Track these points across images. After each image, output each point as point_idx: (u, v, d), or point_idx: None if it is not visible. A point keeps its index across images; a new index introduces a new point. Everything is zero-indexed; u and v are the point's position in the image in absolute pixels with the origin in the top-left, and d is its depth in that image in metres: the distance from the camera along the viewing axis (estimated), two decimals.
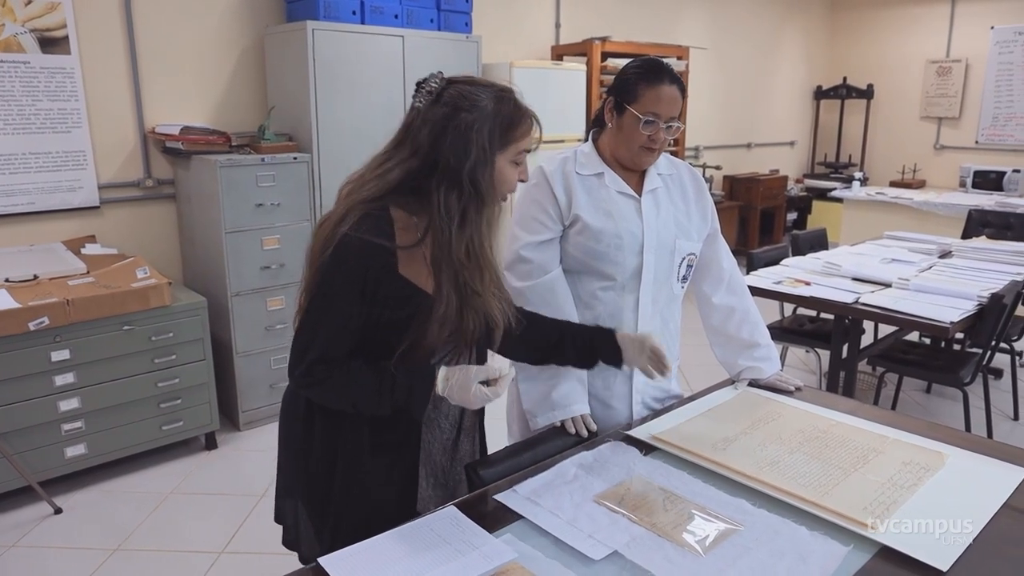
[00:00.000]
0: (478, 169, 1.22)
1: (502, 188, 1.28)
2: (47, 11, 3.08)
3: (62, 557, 2.46)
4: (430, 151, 1.22)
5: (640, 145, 1.60)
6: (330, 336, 1.25)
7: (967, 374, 3.02)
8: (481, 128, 1.21)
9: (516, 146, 1.27)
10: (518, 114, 1.26)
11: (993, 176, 6.36)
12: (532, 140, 1.29)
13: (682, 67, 5.52)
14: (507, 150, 1.26)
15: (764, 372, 1.81)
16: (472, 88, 1.24)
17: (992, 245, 3.72)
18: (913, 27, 7.25)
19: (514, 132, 1.25)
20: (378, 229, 1.22)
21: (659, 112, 1.56)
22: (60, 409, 2.75)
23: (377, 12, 3.66)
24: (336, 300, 1.23)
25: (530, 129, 1.28)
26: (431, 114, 1.23)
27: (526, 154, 1.30)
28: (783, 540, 1.18)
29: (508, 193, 1.31)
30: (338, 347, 1.25)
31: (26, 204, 3.14)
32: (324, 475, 1.37)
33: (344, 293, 1.23)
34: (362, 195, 1.25)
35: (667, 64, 1.62)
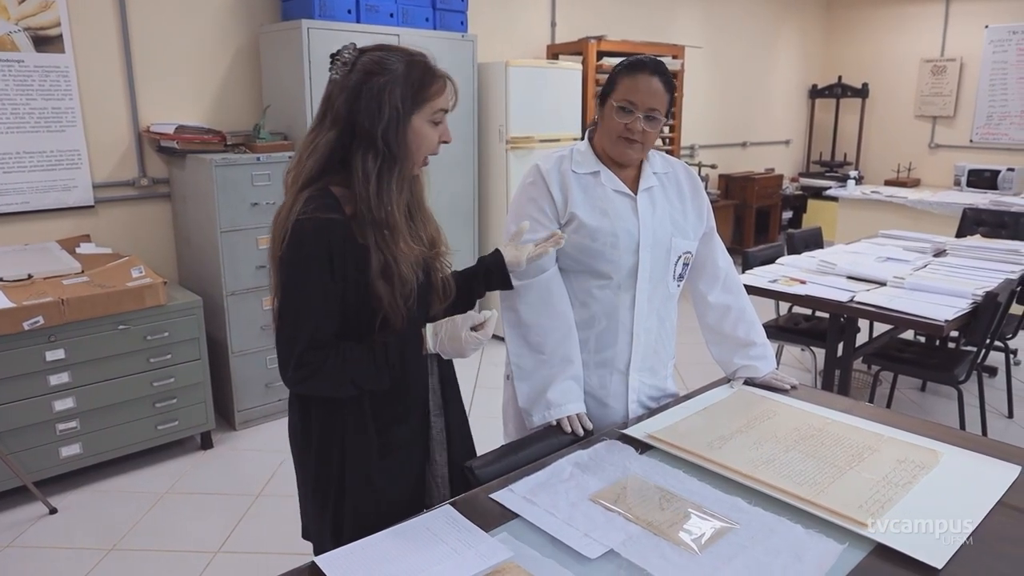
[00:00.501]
0: (390, 129, 1.25)
1: (421, 148, 1.31)
2: (41, 9, 3.06)
3: (57, 557, 2.45)
4: (347, 117, 1.26)
5: (618, 135, 1.60)
6: (314, 321, 1.25)
7: (962, 372, 3.03)
8: (393, 89, 1.25)
9: (430, 105, 1.29)
10: (429, 74, 1.29)
11: (987, 175, 6.38)
12: (447, 100, 1.31)
13: (677, 66, 5.53)
14: (422, 109, 1.28)
15: (760, 371, 1.81)
16: (383, 54, 1.28)
17: (986, 244, 3.73)
18: (908, 26, 7.27)
19: (426, 91, 1.28)
20: (326, 206, 1.25)
21: (634, 100, 1.56)
22: (55, 409, 2.75)
23: (372, 11, 3.65)
24: (309, 284, 1.24)
25: (443, 89, 1.30)
26: (346, 82, 1.27)
27: (443, 114, 1.32)
28: (778, 538, 1.18)
29: (428, 154, 1.33)
30: (324, 331, 1.26)
31: (20, 203, 3.13)
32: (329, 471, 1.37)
33: (314, 275, 1.24)
34: (300, 180, 1.28)
35: (654, 59, 1.62)
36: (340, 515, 1.38)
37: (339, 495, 1.37)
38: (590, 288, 1.68)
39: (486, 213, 4.53)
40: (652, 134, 1.61)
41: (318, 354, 1.25)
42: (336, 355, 1.26)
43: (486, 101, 4.33)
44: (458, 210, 4.31)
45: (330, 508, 1.38)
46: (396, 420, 1.39)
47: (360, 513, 1.36)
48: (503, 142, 4.33)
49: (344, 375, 1.27)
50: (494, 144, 4.39)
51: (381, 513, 1.32)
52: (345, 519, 1.37)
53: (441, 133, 1.33)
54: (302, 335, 1.24)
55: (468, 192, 4.34)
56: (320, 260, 1.23)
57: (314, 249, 1.23)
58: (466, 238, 4.40)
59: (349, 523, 1.37)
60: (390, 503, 1.37)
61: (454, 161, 4.21)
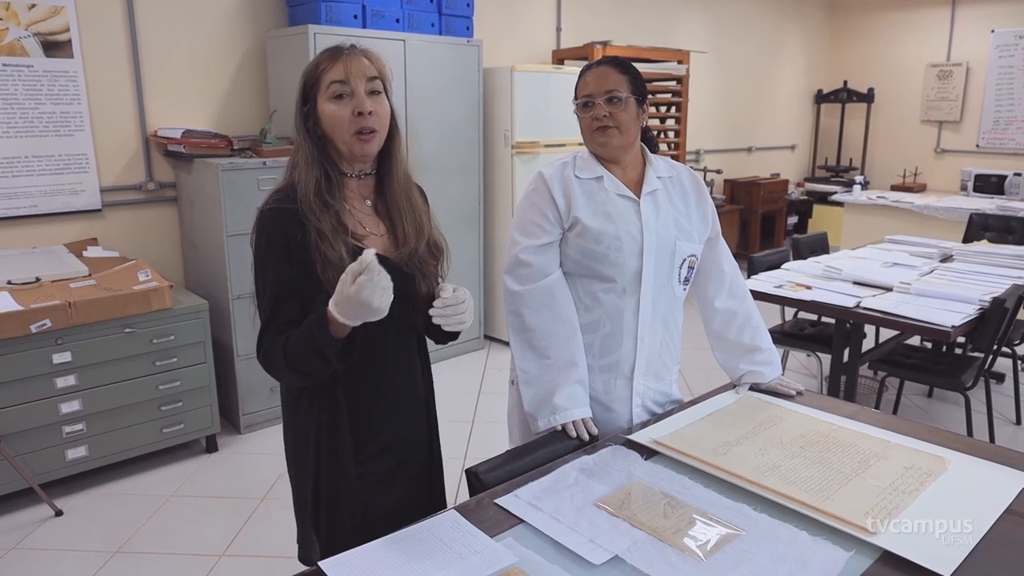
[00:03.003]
0: (298, 119, 1.33)
1: (333, 127, 1.30)
2: (50, 15, 3.08)
3: (63, 559, 2.46)
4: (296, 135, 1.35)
5: (589, 129, 1.65)
6: (273, 306, 1.29)
7: (969, 378, 3.02)
8: (300, 84, 1.34)
9: (323, 82, 1.30)
10: (321, 54, 1.33)
11: (994, 180, 6.36)
12: (339, 71, 1.29)
13: (682, 71, 5.53)
14: (320, 91, 1.30)
15: (765, 376, 1.81)
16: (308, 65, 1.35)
17: (993, 249, 3.71)
18: (913, 31, 7.26)
19: (317, 70, 1.31)
20: (285, 198, 1.29)
21: (590, 92, 1.63)
22: (61, 411, 2.76)
23: (378, 16, 3.67)
24: (268, 271, 1.29)
25: (332, 59, 1.30)
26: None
27: (341, 85, 1.28)
28: (784, 545, 1.17)
29: (349, 133, 1.29)
30: (282, 315, 1.28)
31: (29, 207, 3.15)
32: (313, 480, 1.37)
33: (273, 261, 1.28)
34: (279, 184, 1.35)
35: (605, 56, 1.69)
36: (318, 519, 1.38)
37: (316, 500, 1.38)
38: (594, 292, 1.68)
39: (491, 218, 4.53)
40: (622, 115, 1.62)
41: (274, 338, 1.28)
42: (285, 337, 1.27)
43: (491, 106, 4.34)
44: (463, 215, 4.32)
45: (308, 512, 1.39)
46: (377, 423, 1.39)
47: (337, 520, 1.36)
48: (508, 147, 4.34)
49: (288, 357, 1.26)
50: (499, 149, 4.39)
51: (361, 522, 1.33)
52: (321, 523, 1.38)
53: (356, 105, 1.28)
54: (263, 319, 1.30)
55: (473, 197, 4.35)
56: (276, 247, 1.27)
57: (272, 236, 1.28)
58: (471, 243, 4.41)
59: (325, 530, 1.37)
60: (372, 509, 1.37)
61: (459, 166, 4.22)
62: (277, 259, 1.27)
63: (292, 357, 1.25)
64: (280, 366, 1.28)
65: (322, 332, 1.21)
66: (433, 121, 3.99)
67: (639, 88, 1.65)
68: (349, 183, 1.36)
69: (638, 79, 1.65)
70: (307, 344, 1.23)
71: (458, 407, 3.66)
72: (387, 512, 1.38)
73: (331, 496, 1.37)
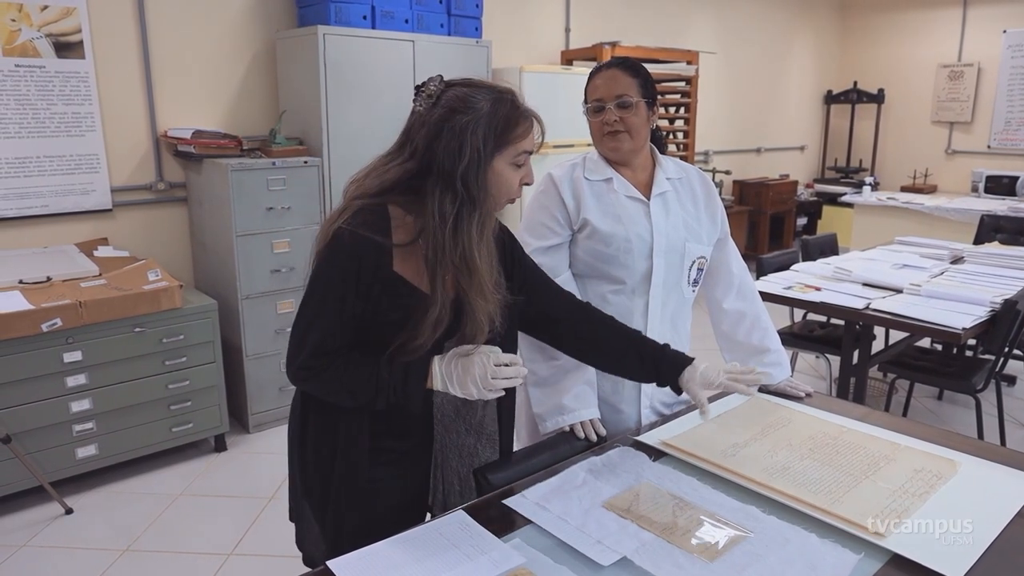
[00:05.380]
0: (470, 171, 1.20)
1: (502, 191, 1.27)
2: (63, 16, 3.11)
3: (72, 557, 2.47)
4: (426, 153, 1.22)
5: (600, 133, 1.64)
6: (325, 328, 1.24)
7: (980, 381, 3.00)
8: (476, 130, 1.20)
9: (514, 148, 1.25)
10: (515, 114, 1.24)
11: (1006, 181, 6.31)
12: (532, 142, 1.26)
13: (691, 72, 5.52)
14: (504, 152, 1.24)
15: (774, 378, 1.80)
16: (469, 90, 1.24)
17: (1005, 251, 3.69)
18: (924, 31, 7.22)
19: (511, 133, 1.24)
20: (374, 225, 1.22)
21: (600, 96, 1.61)
22: (72, 410, 2.77)
23: (388, 17, 3.68)
24: (330, 293, 1.23)
25: (529, 130, 1.26)
26: (428, 117, 1.22)
27: (527, 156, 1.27)
28: (793, 548, 1.17)
29: (510, 198, 1.30)
30: (334, 340, 1.24)
31: (40, 207, 3.17)
32: (323, 477, 1.37)
33: (337, 286, 1.23)
34: (361, 192, 1.26)
35: (614, 58, 1.68)
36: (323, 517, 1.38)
37: (323, 497, 1.37)
38: (604, 293, 1.68)
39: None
40: (633, 120, 1.61)
41: (323, 359, 1.25)
42: (341, 363, 1.25)
43: None
44: None
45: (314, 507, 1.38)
46: (393, 435, 1.36)
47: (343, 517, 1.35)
48: None
49: (344, 384, 1.25)
50: None
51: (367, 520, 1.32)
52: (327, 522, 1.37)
53: (524, 176, 1.28)
54: (310, 340, 1.24)
55: None
56: (347, 275, 1.22)
57: (346, 263, 1.21)
58: None
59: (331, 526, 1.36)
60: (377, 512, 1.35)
61: None
62: (343, 285, 1.22)
63: (358, 390, 1.24)
64: (330, 391, 1.27)
65: (418, 383, 1.24)
66: None
67: (649, 91, 1.64)
68: None
69: (648, 81, 1.64)
70: (391, 387, 1.23)
71: None
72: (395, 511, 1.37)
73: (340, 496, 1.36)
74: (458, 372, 1.24)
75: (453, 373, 1.24)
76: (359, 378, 1.24)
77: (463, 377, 1.23)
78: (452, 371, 1.24)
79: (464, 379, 1.23)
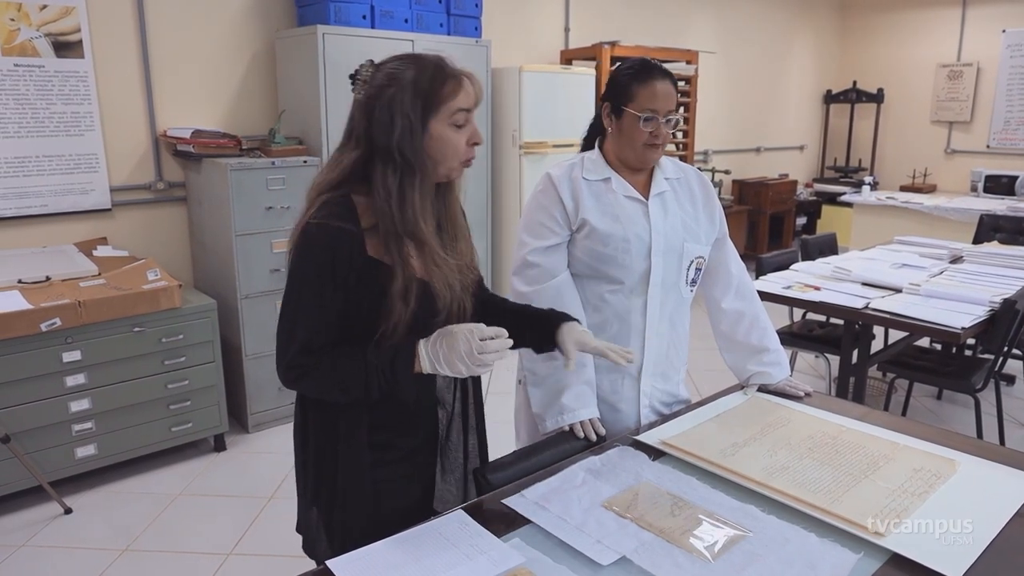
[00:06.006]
0: (404, 140, 1.22)
1: (447, 154, 1.26)
2: (62, 15, 3.11)
3: (71, 557, 2.47)
4: (365, 136, 1.24)
5: (643, 143, 1.62)
6: (309, 326, 1.24)
7: (979, 380, 3.00)
8: (403, 98, 1.21)
9: (447, 107, 1.24)
10: (441, 75, 1.24)
11: (1005, 180, 6.31)
12: (468, 100, 1.26)
13: (691, 71, 5.52)
14: (438, 113, 1.24)
15: (773, 377, 1.80)
16: (397, 64, 1.25)
17: (1004, 250, 3.69)
18: (924, 31, 7.22)
19: (439, 93, 1.23)
20: (340, 215, 1.23)
21: (656, 108, 1.59)
22: (71, 410, 2.77)
23: (387, 16, 3.68)
24: (309, 289, 1.23)
25: (458, 88, 1.24)
26: (363, 99, 1.25)
27: (465, 114, 1.26)
28: (792, 547, 1.17)
29: (462, 160, 1.29)
30: (319, 336, 1.24)
31: (39, 206, 3.17)
32: (326, 477, 1.36)
33: (315, 281, 1.23)
34: (321, 188, 1.27)
35: (658, 63, 1.64)
36: (330, 520, 1.37)
37: (330, 500, 1.36)
38: (602, 293, 1.68)
39: (499, 219, 4.54)
40: (669, 133, 1.64)
41: (310, 358, 1.24)
42: (329, 359, 1.24)
43: (500, 106, 4.34)
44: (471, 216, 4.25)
45: (321, 512, 1.38)
46: (396, 431, 1.36)
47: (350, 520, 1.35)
48: (517, 147, 4.34)
49: (334, 380, 1.25)
50: (508, 150, 4.39)
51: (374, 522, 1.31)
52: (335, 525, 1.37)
53: (469, 135, 1.28)
54: (296, 339, 1.24)
55: (481, 198, 4.35)
56: (323, 268, 1.22)
57: (320, 256, 1.22)
58: (479, 245, 4.37)
59: (338, 529, 1.36)
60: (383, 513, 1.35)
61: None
62: (321, 279, 1.22)
63: (349, 383, 1.23)
64: (323, 387, 1.26)
65: (406, 367, 1.22)
66: None
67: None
68: None
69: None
70: (380, 372, 1.22)
71: None
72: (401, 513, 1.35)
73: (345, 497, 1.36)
74: (444, 351, 1.23)
75: (439, 352, 1.23)
76: (348, 370, 1.23)
77: (449, 355, 1.22)
78: (438, 351, 1.23)
79: (451, 357, 1.22)
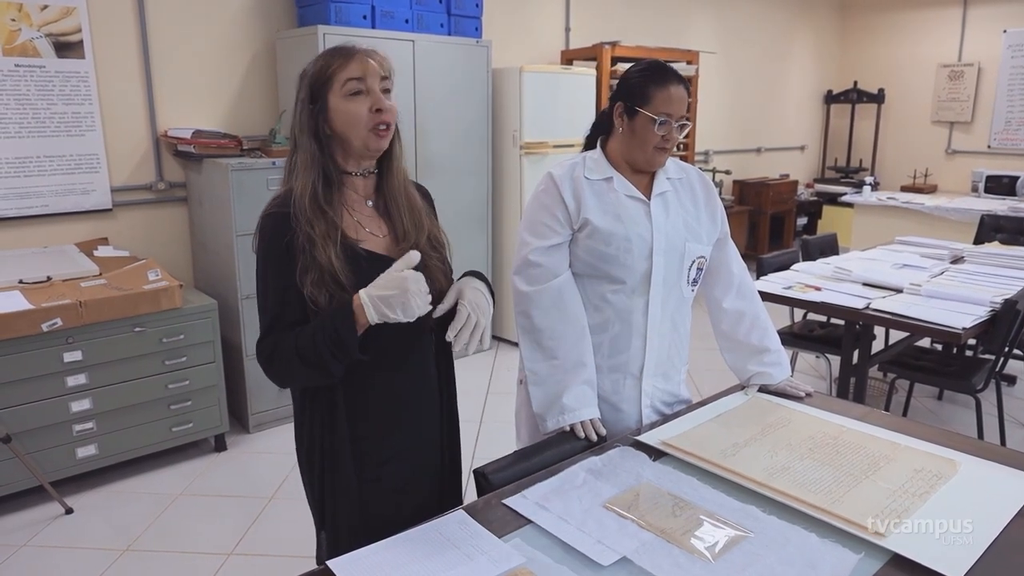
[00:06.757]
0: (301, 121, 1.30)
1: (351, 123, 1.28)
2: (63, 16, 3.11)
3: (72, 557, 2.47)
4: (293, 135, 1.34)
5: (654, 146, 1.62)
6: (273, 311, 1.28)
7: (980, 381, 3.00)
8: (300, 87, 1.32)
9: (338, 79, 1.28)
10: (329, 54, 1.31)
11: (1006, 181, 6.31)
12: (357, 68, 1.28)
13: (691, 71, 5.52)
14: (332, 87, 1.29)
15: (774, 378, 1.80)
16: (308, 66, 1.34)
17: (1005, 250, 3.69)
18: (924, 31, 7.22)
19: (328, 70, 1.29)
20: (284, 202, 1.29)
21: (671, 112, 1.59)
22: (72, 410, 2.77)
23: (388, 17, 3.68)
24: (268, 276, 1.29)
25: (346, 61, 1.28)
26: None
27: (357, 82, 1.27)
28: (793, 547, 1.17)
29: (371, 127, 1.28)
30: (283, 320, 1.28)
31: (40, 206, 3.17)
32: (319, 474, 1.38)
33: (272, 266, 1.28)
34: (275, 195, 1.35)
35: (671, 66, 1.65)
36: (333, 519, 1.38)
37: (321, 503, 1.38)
38: (603, 293, 1.68)
39: (500, 219, 4.54)
40: (678, 140, 1.66)
41: (276, 338, 1.27)
42: (287, 337, 1.25)
43: (500, 107, 4.34)
44: (472, 216, 4.32)
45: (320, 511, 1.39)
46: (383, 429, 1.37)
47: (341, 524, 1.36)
48: (517, 148, 4.34)
49: (292, 354, 1.24)
50: (508, 150, 4.40)
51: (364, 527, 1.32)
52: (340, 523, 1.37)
53: (371, 103, 1.28)
54: (264, 323, 1.30)
55: (482, 198, 4.35)
56: (276, 251, 1.27)
57: (272, 242, 1.27)
58: (480, 244, 4.41)
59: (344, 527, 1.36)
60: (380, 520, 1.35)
61: (468, 167, 4.22)
62: (277, 263, 1.27)
63: (304, 351, 1.22)
64: (289, 363, 1.25)
65: (346, 321, 1.20)
66: (442, 122, 3.99)
67: None
68: (353, 183, 1.36)
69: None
70: (326, 335, 1.20)
71: (466, 407, 3.65)
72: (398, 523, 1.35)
73: (334, 502, 1.37)
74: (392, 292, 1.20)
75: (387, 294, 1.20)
76: (302, 339, 1.24)
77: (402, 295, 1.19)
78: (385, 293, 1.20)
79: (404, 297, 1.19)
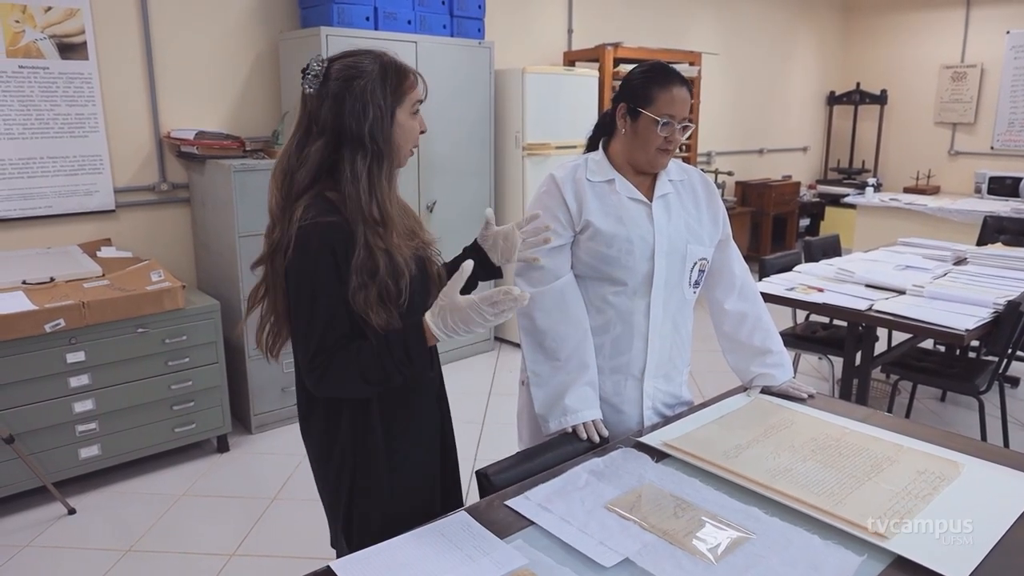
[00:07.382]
0: (376, 126, 1.29)
1: (407, 140, 1.35)
2: (66, 17, 3.12)
3: (75, 557, 2.48)
4: (335, 124, 1.29)
5: (657, 147, 1.62)
6: (324, 324, 1.26)
7: (983, 382, 2.99)
8: (374, 89, 1.29)
9: (409, 98, 1.34)
10: (402, 69, 1.35)
11: (1009, 182, 6.29)
12: (421, 91, 1.38)
13: (694, 72, 5.52)
14: (403, 103, 1.33)
15: (776, 379, 1.80)
16: (353, 58, 1.32)
17: (1008, 252, 3.68)
18: (927, 32, 7.21)
19: (403, 85, 1.33)
20: (326, 210, 1.27)
21: (674, 113, 1.59)
22: (75, 410, 2.78)
23: (390, 18, 3.68)
24: (317, 289, 1.25)
25: (416, 81, 1.37)
26: (325, 92, 1.30)
27: (419, 105, 1.37)
28: (795, 549, 1.17)
29: (413, 146, 1.38)
30: (334, 333, 1.26)
31: (44, 207, 3.18)
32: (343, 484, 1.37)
33: (322, 279, 1.25)
34: (293, 192, 1.31)
35: (674, 68, 1.65)
36: (350, 521, 1.38)
37: (349, 501, 1.38)
38: (605, 294, 1.68)
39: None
40: (681, 141, 1.66)
41: (328, 354, 1.25)
42: (345, 352, 1.25)
43: (503, 108, 4.34)
44: (474, 216, 4.32)
45: (340, 514, 1.39)
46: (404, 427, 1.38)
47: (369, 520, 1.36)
48: (520, 149, 4.34)
49: (354, 372, 1.25)
50: (511, 151, 4.40)
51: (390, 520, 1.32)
52: (354, 525, 1.38)
53: (419, 123, 1.38)
54: (312, 339, 1.25)
55: (484, 199, 4.35)
56: (326, 263, 1.24)
57: (321, 253, 1.24)
58: None
59: (359, 530, 1.37)
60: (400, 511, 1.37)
61: (471, 168, 4.23)
62: (326, 275, 1.24)
63: (369, 371, 1.24)
64: (344, 382, 1.26)
65: (419, 342, 1.24)
66: (444, 123, 3.99)
67: None
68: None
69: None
70: (395, 356, 1.23)
71: (468, 408, 3.66)
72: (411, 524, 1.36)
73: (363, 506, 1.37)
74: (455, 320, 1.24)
75: (448, 320, 1.24)
76: (365, 358, 1.24)
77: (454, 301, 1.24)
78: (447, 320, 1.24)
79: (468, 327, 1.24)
